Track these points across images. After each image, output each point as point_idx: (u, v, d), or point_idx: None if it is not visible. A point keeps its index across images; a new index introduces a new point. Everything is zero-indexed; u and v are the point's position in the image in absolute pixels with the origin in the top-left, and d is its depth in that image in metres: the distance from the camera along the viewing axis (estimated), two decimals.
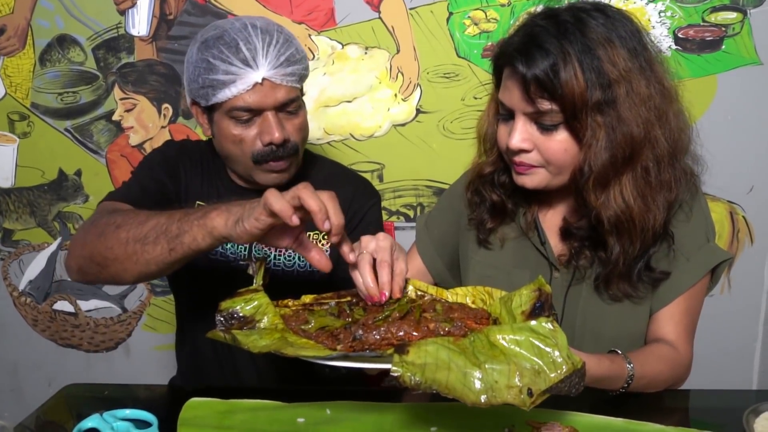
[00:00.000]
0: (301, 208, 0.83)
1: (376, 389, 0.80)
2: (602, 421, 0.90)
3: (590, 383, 0.89)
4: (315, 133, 1.74)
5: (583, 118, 0.94)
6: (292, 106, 1.15)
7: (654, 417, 0.90)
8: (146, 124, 1.77)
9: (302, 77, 1.16)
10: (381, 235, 0.91)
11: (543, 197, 1.09)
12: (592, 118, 0.94)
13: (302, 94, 1.20)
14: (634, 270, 1.02)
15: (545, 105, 0.95)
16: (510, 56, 0.97)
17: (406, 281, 1.00)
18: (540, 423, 0.86)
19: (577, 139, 0.97)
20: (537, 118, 0.97)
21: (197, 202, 1.24)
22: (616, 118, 0.94)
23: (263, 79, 1.10)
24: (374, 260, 0.89)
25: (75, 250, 1.03)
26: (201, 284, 1.25)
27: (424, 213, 1.29)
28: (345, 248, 0.88)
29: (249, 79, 1.09)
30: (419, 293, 0.99)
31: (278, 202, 0.82)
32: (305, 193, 0.83)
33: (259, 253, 1.23)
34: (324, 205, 0.83)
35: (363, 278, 0.88)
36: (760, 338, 1.83)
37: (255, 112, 1.12)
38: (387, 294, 0.88)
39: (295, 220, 0.82)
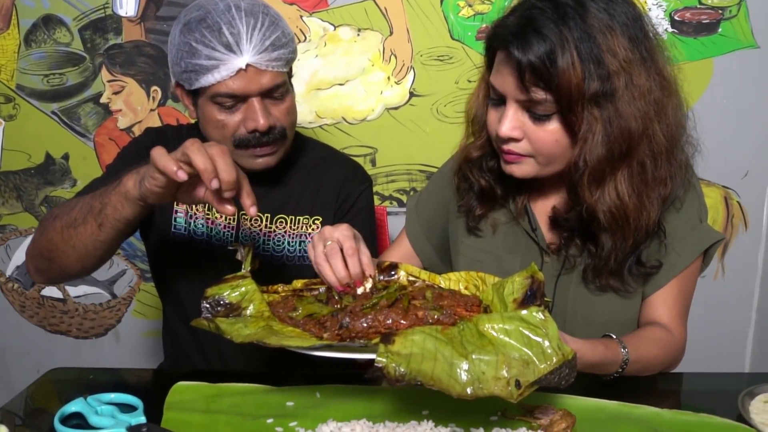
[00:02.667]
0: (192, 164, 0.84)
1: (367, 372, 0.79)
2: (596, 404, 0.89)
3: (585, 369, 0.88)
4: (306, 116, 1.72)
5: (578, 111, 0.91)
6: (279, 91, 1.11)
7: (648, 400, 0.90)
8: (135, 106, 1.74)
9: (289, 61, 1.12)
10: (343, 225, 0.93)
11: (534, 183, 1.06)
12: (589, 111, 0.91)
13: (290, 76, 1.16)
14: (625, 266, 1.00)
15: (539, 94, 0.91)
16: (505, 39, 0.93)
17: (397, 266, 0.99)
18: (533, 406, 0.85)
19: (569, 130, 0.94)
20: (529, 107, 0.94)
21: None
22: (613, 111, 0.91)
23: (247, 65, 1.05)
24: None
25: (29, 251, 1.06)
26: (184, 271, 1.23)
27: (415, 194, 1.26)
28: (246, 201, 0.89)
29: (232, 65, 1.05)
30: (411, 278, 0.98)
31: (161, 160, 0.84)
32: (191, 150, 0.83)
33: (246, 240, 1.21)
34: (211, 163, 0.83)
35: (335, 270, 0.90)
36: (753, 324, 1.83)
37: (239, 99, 1.08)
38: (360, 283, 0.90)
39: (181, 176, 0.84)
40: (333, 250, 0.91)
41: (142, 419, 0.85)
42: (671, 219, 1.02)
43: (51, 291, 1.89)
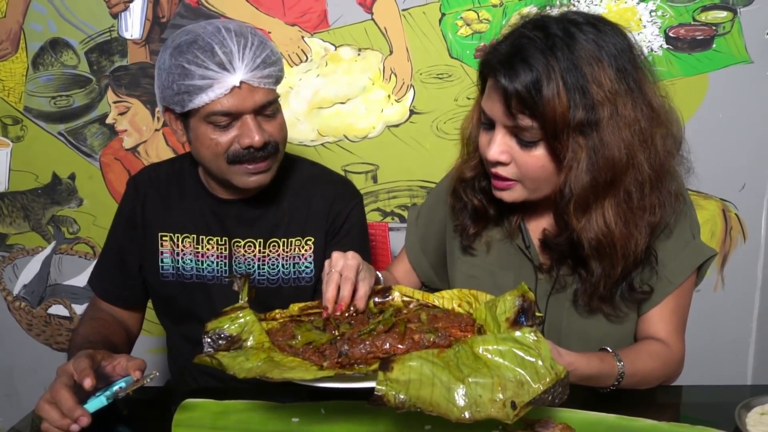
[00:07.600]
0: None
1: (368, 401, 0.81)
2: (595, 417, 0.90)
3: (580, 381, 0.90)
4: (308, 134, 1.75)
5: (563, 139, 0.92)
6: (270, 108, 1.13)
7: (647, 413, 0.91)
8: (140, 127, 1.77)
9: (278, 79, 1.14)
10: (350, 254, 0.95)
11: (528, 203, 1.07)
12: (574, 139, 0.92)
13: (277, 96, 1.18)
14: (616, 292, 1.01)
15: (525, 121, 0.93)
16: (493, 67, 0.95)
17: (391, 288, 1.01)
18: (534, 420, 0.87)
19: (555, 157, 0.95)
20: (517, 132, 0.96)
21: (160, 233, 1.25)
22: (598, 140, 0.92)
23: (241, 82, 1.07)
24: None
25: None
26: (180, 309, 1.25)
27: (416, 207, 1.28)
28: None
29: (226, 82, 1.07)
30: (405, 299, 1.00)
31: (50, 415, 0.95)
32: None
33: (240, 269, 1.23)
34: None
35: (324, 293, 0.92)
36: (754, 334, 1.84)
37: (233, 116, 1.10)
38: (343, 307, 0.92)
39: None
40: (330, 278, 0.93)
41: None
42: (662, 246, 1.03)
43: (58, 309, 1.91)
